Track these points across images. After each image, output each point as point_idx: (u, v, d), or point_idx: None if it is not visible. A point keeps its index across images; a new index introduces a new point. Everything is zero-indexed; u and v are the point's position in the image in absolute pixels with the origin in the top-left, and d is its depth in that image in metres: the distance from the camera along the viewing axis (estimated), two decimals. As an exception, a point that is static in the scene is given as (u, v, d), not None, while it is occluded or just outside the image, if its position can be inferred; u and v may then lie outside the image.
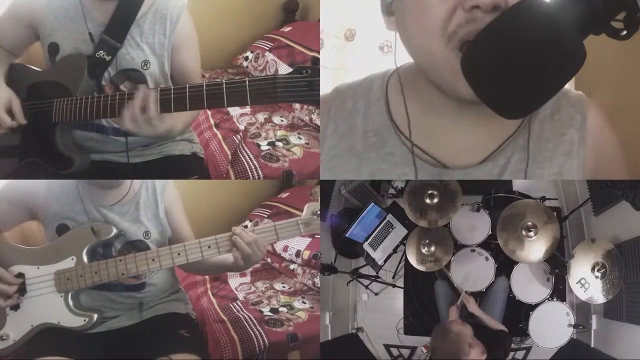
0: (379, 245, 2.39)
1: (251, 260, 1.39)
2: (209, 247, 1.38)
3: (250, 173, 2.00)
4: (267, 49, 2.47)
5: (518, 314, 2.13)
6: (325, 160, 1.05)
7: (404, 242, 2.33)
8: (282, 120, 2.28)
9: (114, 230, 1.41)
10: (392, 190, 2.61)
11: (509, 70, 0.80)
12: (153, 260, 1.38)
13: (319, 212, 1.39)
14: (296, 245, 2.30)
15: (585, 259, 1.90)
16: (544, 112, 1.02)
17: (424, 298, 2.44)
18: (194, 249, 1.38)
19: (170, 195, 1.54)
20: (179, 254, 1.38)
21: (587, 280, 1.89)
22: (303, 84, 1.14)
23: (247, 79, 1.18)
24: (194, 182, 2.22)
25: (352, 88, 1.09)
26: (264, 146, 2.12)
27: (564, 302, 2.07)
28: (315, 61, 1.11)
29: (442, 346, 1.66)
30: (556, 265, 2.05)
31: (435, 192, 2.06)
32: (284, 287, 2.25)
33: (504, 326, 1.97)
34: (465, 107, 0.97)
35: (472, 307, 2.03)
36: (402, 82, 1.05)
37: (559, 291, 2.13)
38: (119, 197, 1.46)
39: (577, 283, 1.90)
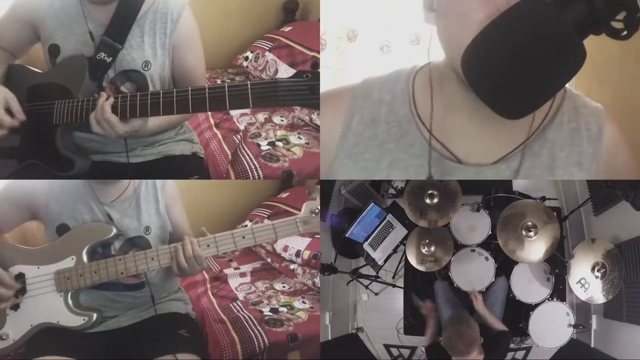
0: (379, 245, 2.39)
1: (186, 273, 1.42)
2: (208, 245, 1.38)
3: (250, 173, 2.00)
4: (267, 48, 2.47)
5: (518, 314, 2.13)
6: (347, 148, 1.07)
7: (404, 242, 2.33)
8: (282, 120, 2.28)
9: (114, 230, 1.41)
10: (392, 190, 2.61)
11: (509, 71, 0.80)
12: (152, 259, 1.38)
13: (317, 210, 1.39)
14: (296, 245, 2.30)
15: (585, 259, 1.90)
16: (560, 118, 1.02)
17: (424, 298, 2.44)
18: None
19: (171, 190, 1.55)
20: (178, 253, 1.38)
21: (587, 280, 1.89)
22: (304, 87, 1.15)
23: (248, 82, 1.19)
24: (194, 182, 2.22)
25: (380, 81, 1.12)
26: (264, 146, 2.12)
27: (564, 302, 2.07)
28: (315, 65, 1.13)
29: (464, 330, 1.67)
30: (556, 265, 2.05)
31: (435, 192, 2.06)
32: (284, 287, 2.24)
33: (506, 327, 1.98)
34: (484, 107, 0.98)
35: (479, 305, 2.03)
36: (432, 77, 1.07)
37: (559, 291, 2.13)
38: (119, 192, 1.47)
39: (577, 283, 1.90)
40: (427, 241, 2.19)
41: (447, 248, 2.18)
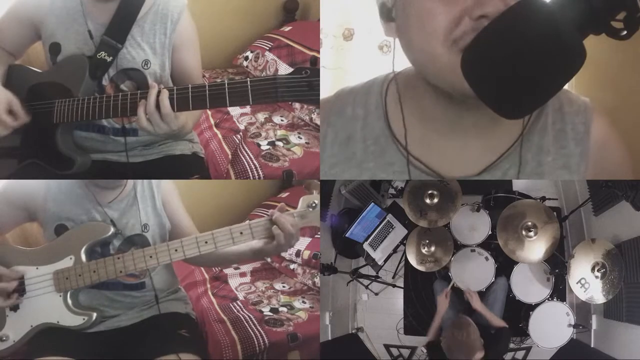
0: (379, 245, 2.39)
1: (291, 243, 1.39)
2: (206, 242, 1.37)
3: (250, 173, 2.00)
4: (267, 48, 2.47)
5: (518, 313, 2.14)
6: (324, 169, 1.05)
7: (404, 242, 2.33)
8: (282, 120, 2.28)
9: (112, 229, 1.41)
10: (392, 190, 2.61)
11: (509, 70, 0.79)
12: (151, 257, 1.38)
13: (314, 204, 1.39)
14: (296, 245, 2.29)
15: (585, 259, 1.90)
16: (545, 120, 0.99)
17: (424, 298, 2.45)
18: (191, 245, 1.38)
19: (167, 186, 1.55)
20: (176, 250, 1.38)
21: (587, 280, 1.89)
22: (303, 84, 1.16)
23: (248, 79, 1.19)
24: (194, 182, 2.22)
25: (353, 93, 1.08)
26: (264, 146, 2.12)
27: (564, 302, 2.07)
28: (314, 61, 1.12)
29: (463, 338, 1.67)
30: (556, 265, 2.05)
31: (435, 192, 2.07)
32: (284, 287, 2.24)
33: (505, 322, 1.97)
34: (461, 119, 0.96)
35: (476, 303, 2.03)
36: (400, 90, 1.04)
37: (559, 291, 2.13)
38: (117, 193, 1.47)
39: (577, 283, 1.90)
40: (427, 241, 2.19)
41: (447, 248, 2.18)
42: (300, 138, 2.18)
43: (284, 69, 2.34)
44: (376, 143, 1.03)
